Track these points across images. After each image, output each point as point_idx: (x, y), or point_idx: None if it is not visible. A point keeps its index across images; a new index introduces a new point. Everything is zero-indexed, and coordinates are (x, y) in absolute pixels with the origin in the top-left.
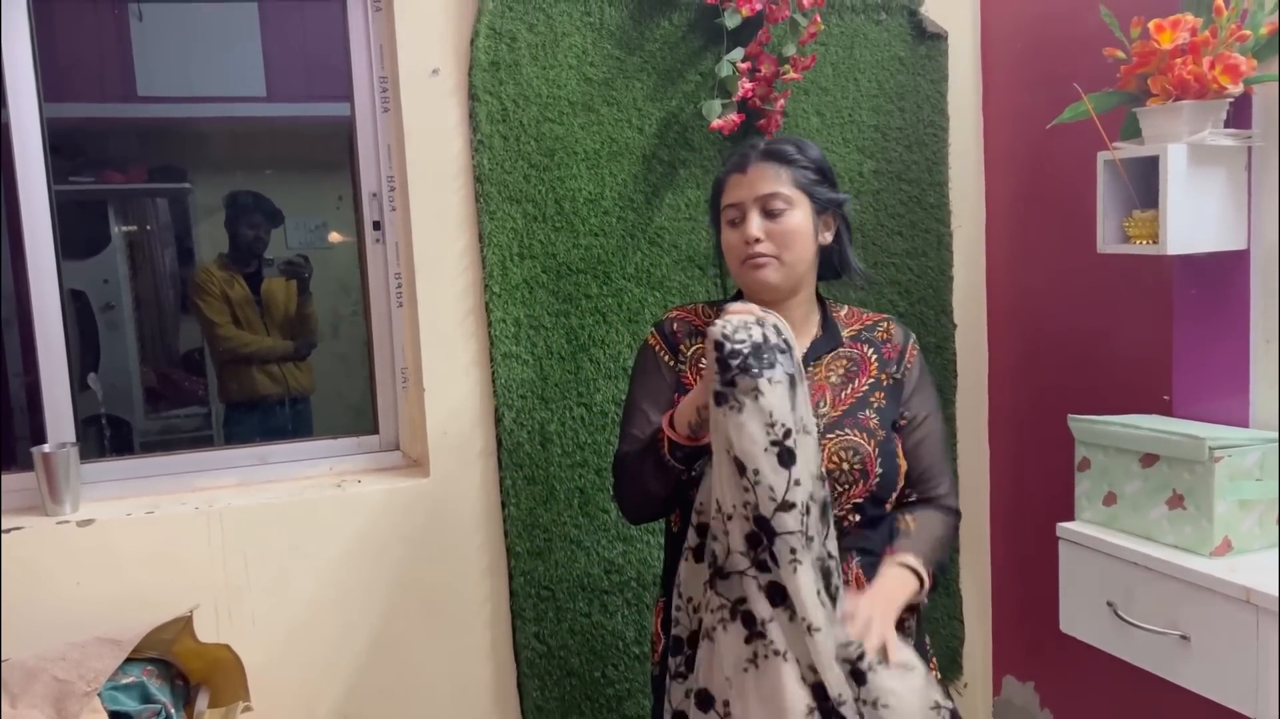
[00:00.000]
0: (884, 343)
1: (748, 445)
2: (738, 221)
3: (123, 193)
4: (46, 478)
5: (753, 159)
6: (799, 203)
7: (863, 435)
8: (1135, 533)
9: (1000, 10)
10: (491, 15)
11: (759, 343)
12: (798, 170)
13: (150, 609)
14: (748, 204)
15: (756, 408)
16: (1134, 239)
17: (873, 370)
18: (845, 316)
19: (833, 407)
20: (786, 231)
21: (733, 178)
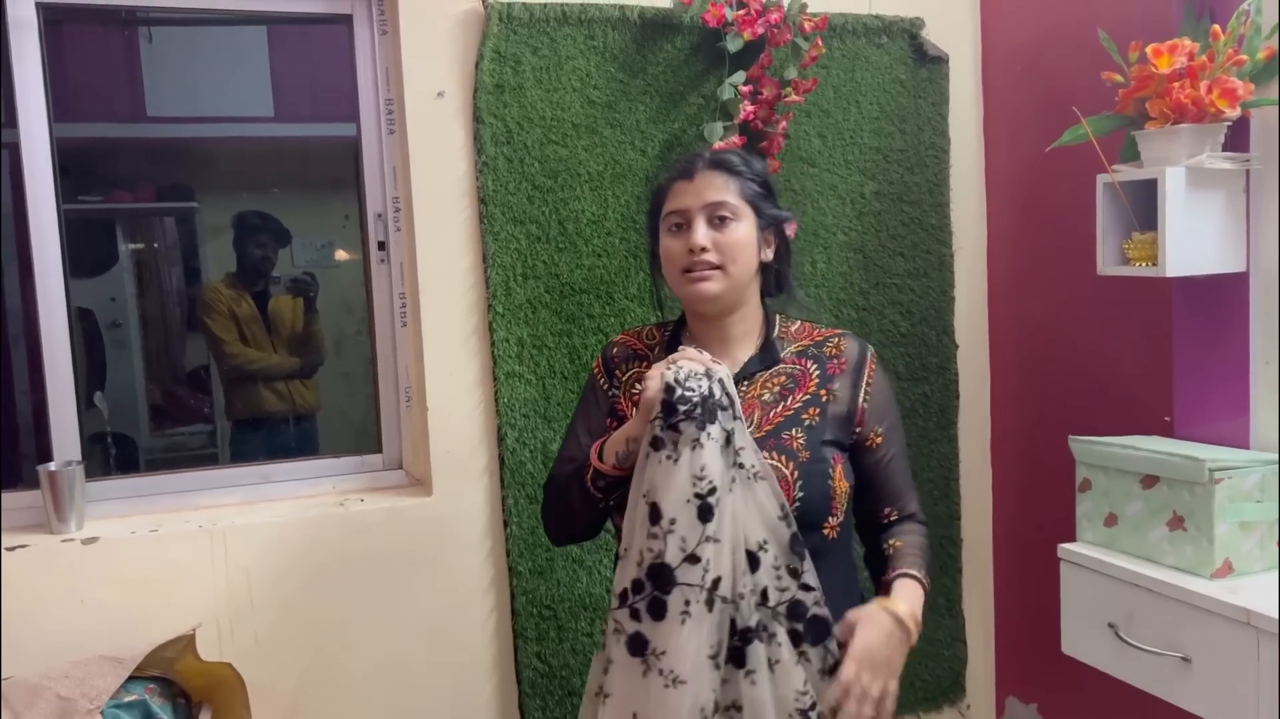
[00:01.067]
0: (831, 358)
1: (673, 494)
2: (682, 228)
3: (131, 212)
4: (52, 496)
5: (700, 166)
6: (745, 215)
7: (780, 458)
8: (1136, 554)
9: (1000, 34)
10: (496, 39)
11: (706, 395)
12: (745, 182)
13: (153, 627)
14: (694, 212)
15: (691, 459)
16: (1133, 261)
17: (810, 386)
18: (795, 332)
19: (758, 427)
20: (733, 243)
21: (678, 184)
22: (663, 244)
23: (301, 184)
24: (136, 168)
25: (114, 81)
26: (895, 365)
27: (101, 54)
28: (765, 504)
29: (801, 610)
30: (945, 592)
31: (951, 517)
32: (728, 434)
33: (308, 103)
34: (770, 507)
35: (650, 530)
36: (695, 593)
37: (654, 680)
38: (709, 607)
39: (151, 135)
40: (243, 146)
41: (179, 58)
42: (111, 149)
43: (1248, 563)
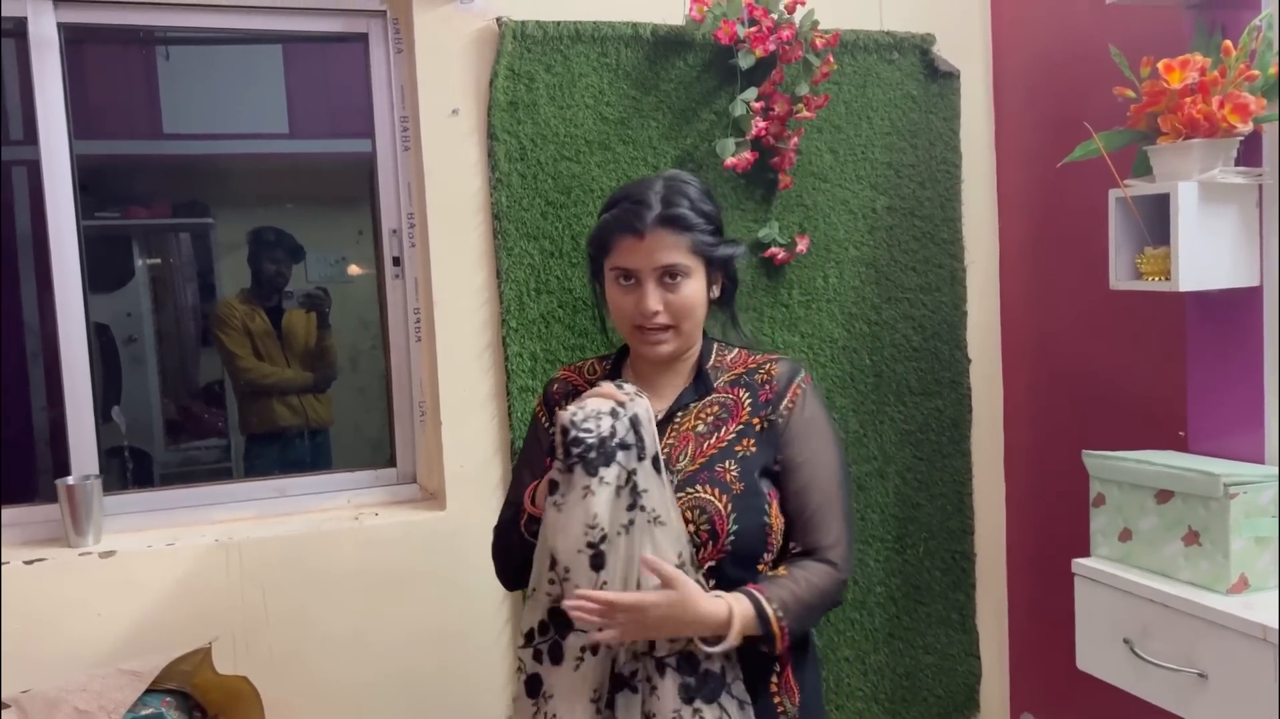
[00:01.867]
0: (763, 384)
1: (564, 543)
2: (631, 285)
3: (147, 228)
4: (70, 509)
5: (649, 222)
6: (696, 269)
7: (713, 491)
8: (1151, 569)
9: (1011, 50)
10: (510, 57)
11: (605, 436)
12: (695, 236)
13: (170, 640)
14: (644, 273)
15: (582, 507)
16: (1146, 275)
17: (743, 415)
18: (730, 361)
19: (691, 460)
20: (685, 302)
21: (626, 240)
22: (610, 294)
23: (316, 200)
24: (153, 184)
25: (132, 99)
26: (908, 380)
27: (120, 72)
28: (665, 551)
29: (694, 663)
30: (959, 607)
31: (965, 531)
32: (628, 474)
33: (322, 120)
34: (668, 554)
35: (548, 576)
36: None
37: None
38: (594, 651)
39: (168, 152)
40: (258, 163)
41: (196, 76)
42: (128, 166)
43: (1263, 578)
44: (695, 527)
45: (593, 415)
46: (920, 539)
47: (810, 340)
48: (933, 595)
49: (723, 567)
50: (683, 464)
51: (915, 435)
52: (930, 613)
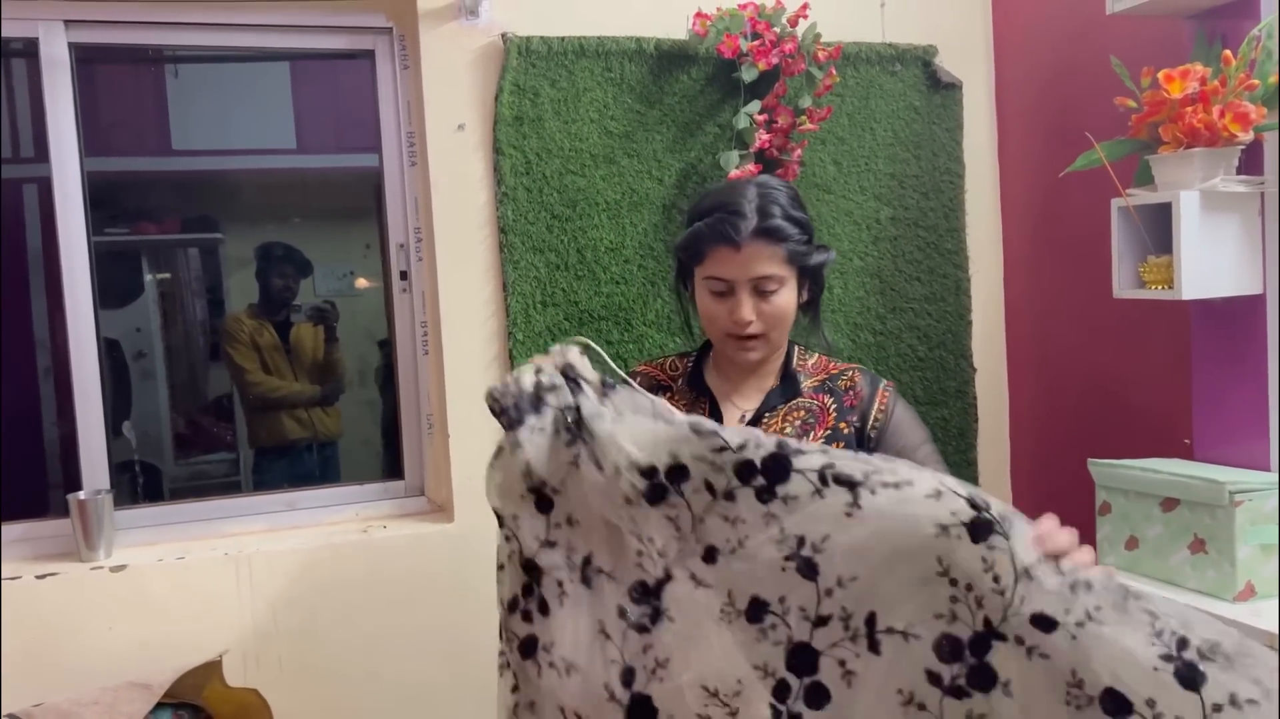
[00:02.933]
0: (846, 391)
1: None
2: (724, 295)
3: (156, 243)
4: (81, 524)
5: (746, 236)
6: (789, 278)
7: None
8: (1158, 578)
9: (1013, 60)
10: (515, 72)
11: (524, 391)
12: (791, 245)
13: (181, 653)
14: (739, 284)
15: (513, 460)
16: (1149, 284)
17: (830, 421)
18: (812, 366)
19: None
20: (778, 312)
21: (721, 250)
22: (702, 300)
23: (323, 214)
24: (162, 200)
25: (141, 117)
26: (913, 389)
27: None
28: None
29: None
30: None
31: None
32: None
33: (330, 135)
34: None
35: (503, 534)
36: (564, 573)
37: (549, 677)
38: (586, 584)
39: (177, 169)
40: (266, 178)
41: (204, 93)
42: (138, 182)
43: (1270, 585)
44: None
45: (513, 379)
46: None
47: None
48: None
49: None
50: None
51: None
52: None
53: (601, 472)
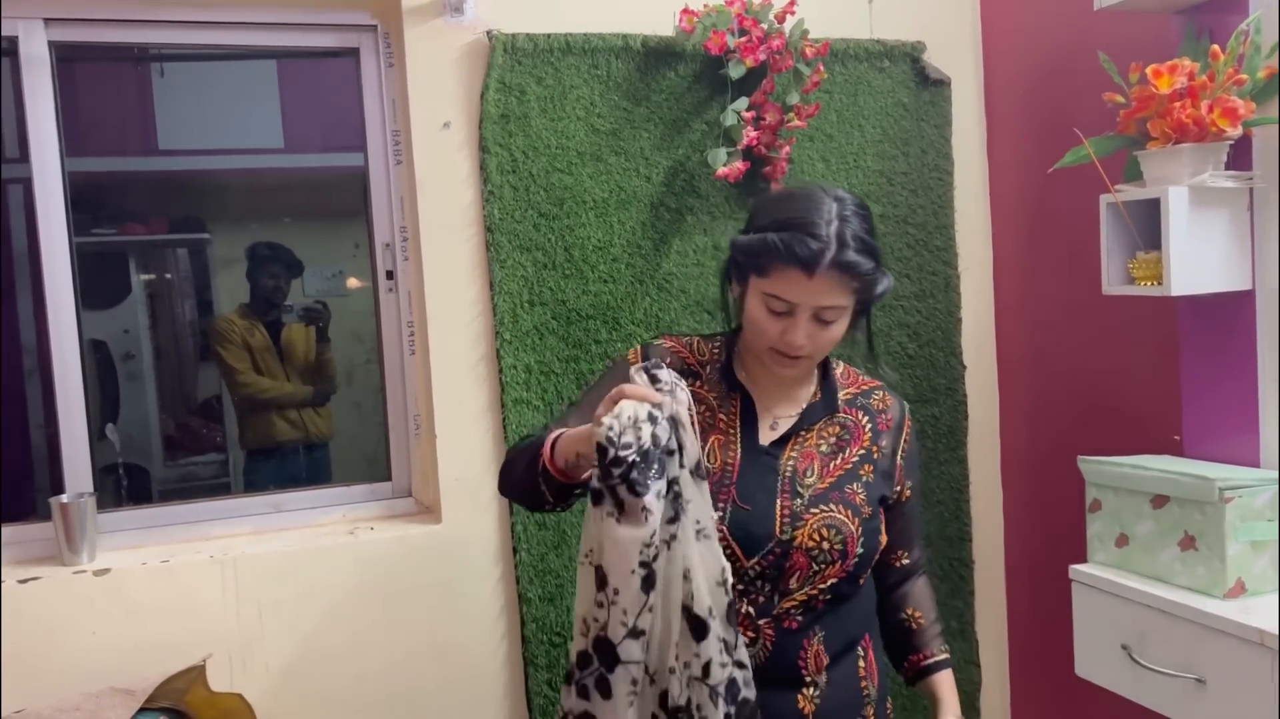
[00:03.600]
0: (880, 413)
1: (616, 561)
2: (781, 315)
3: (143, 244)
4: (64, 528)
5: (823, 265)
6: (849, 307)
7: (847, 513)
8: (1148, 575)
9: (1002, 56)
10: (501, 69)
11: (647, 449)
12: (862, 283)
13: (166, 658)
14: (801, 309)
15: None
16: (1138, 280)
17: (865, 440)
18: (841, 376)
19: (820, 478)
20: (831, 339)
21: (792, 273)
22: (756, 311)
23: (311, 214)
24: (149, 200)
25: (127, 116)
26: (904, 388)
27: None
28: (710, 568)
29: (734, 691)
30: (958, 614)
31: (963, 538)
32: (669, 483)
33: (317, 134)
34: (713, 570)
35: (596, 598)
36: (639, 669)
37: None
38: (652, 680)
39: (164, 169)
40: (254, 178)
41: (190, 92)
42: (124, 182)
43: (1260, 583)
44: (829, 545)
45: (630, 426)
46: None
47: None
48: None
49: (838, 585)
50: (811, 480)
51: None
52: None
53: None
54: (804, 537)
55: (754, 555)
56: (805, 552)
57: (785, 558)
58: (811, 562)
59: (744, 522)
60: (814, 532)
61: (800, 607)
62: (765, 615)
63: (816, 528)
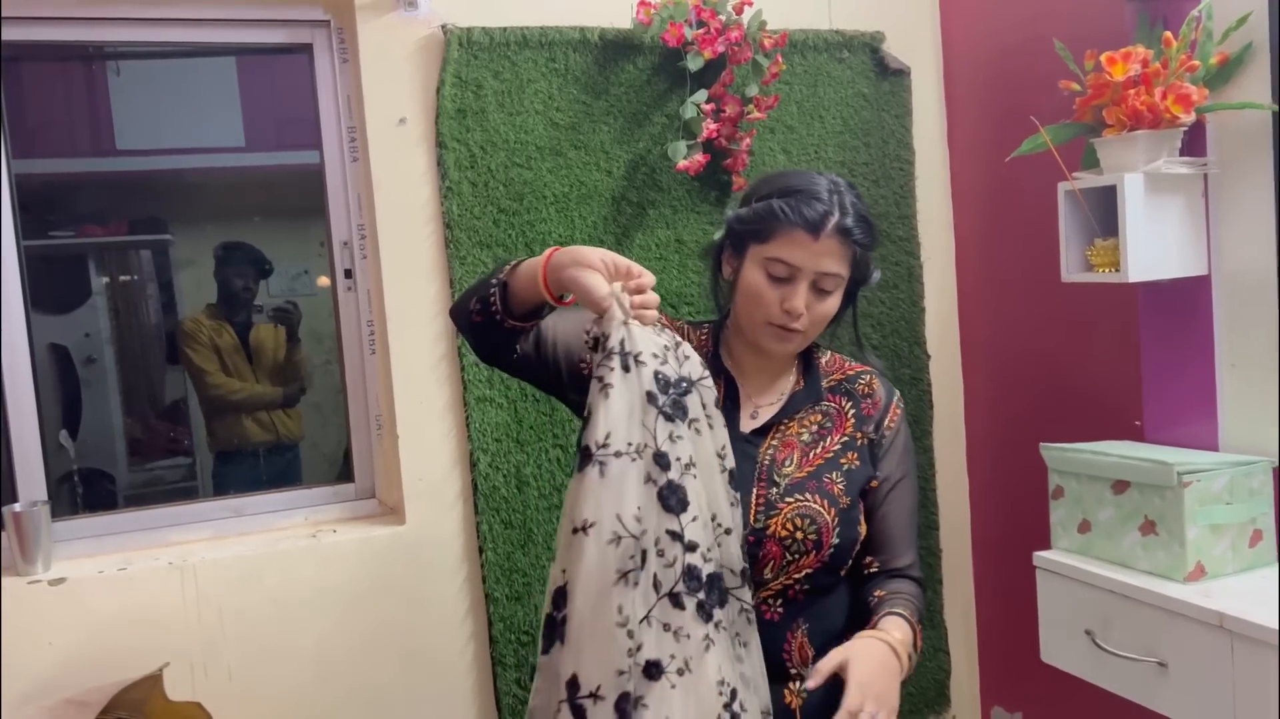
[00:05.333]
0: (865, 397)
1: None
2: (782, 282)
3: (103, 246)
4: (17, 537)
5: (828, 228)
6: (844, 283)
7: (823, 502)
8: (1110, 560)
9: (961, 46)
10: (457, 64)
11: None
12: (861, 251)
13: (125, 668)
14: (804, 274)
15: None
16: (1097, 267)
17: (848, 427)
18: (827, 364)
19: (798, 467)
20: (824, 314)
21: (798, 235)
22: (754, 280)
23: (275, 212)
24: (108, 201)
25: (83, 116)
26: None
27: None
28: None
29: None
30: (927, 602)
31: (930, 527)
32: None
33: (278, 132)
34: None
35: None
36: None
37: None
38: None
39: (122, 169)
40: (215, 177)
41: (149, 91)
42: (82, 183)
43: (1220, 565)
44: (803, 535)
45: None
46: None
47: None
48: None
49: (816, 574)
50: (789, 470)
51: None
52: None
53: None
54: (777, 526)
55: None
56: (779, 541)
57: (759, 547)
58: (785, 551)
59: None
60: (788, 521)
61: (777, 597)
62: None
63: (790, 517)
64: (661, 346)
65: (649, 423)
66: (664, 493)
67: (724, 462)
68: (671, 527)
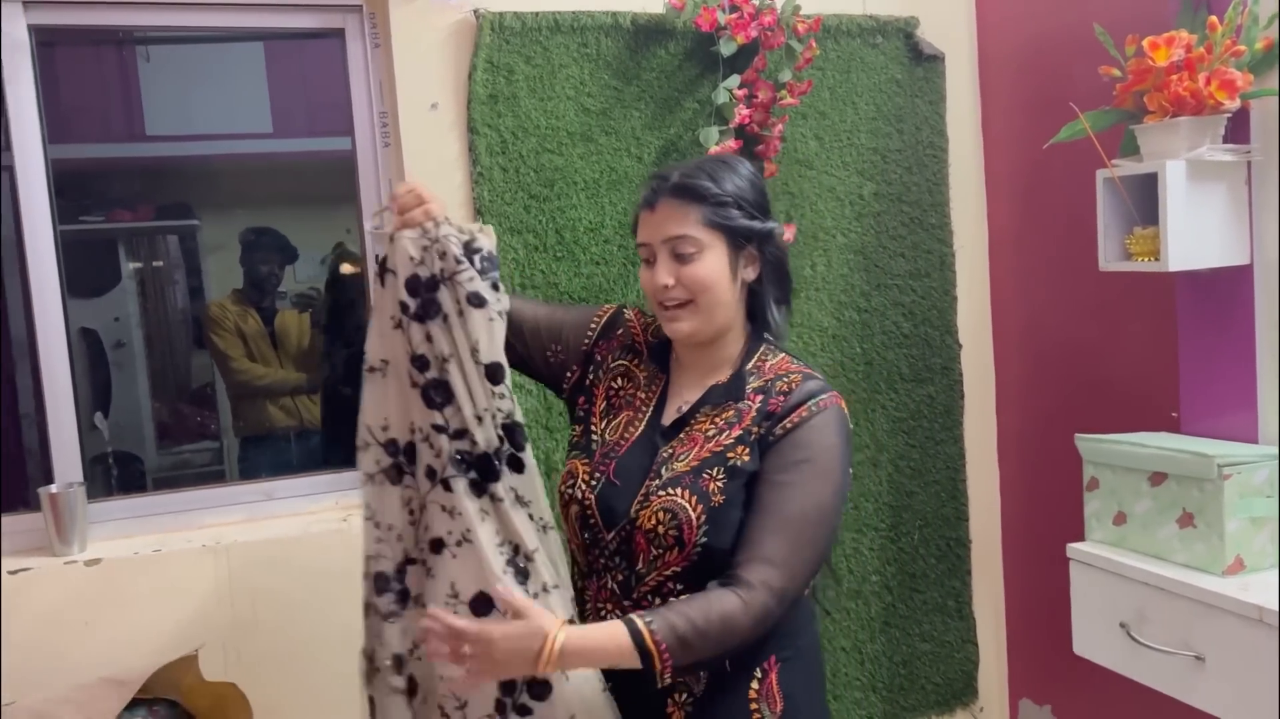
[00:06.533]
0: (778, 393)
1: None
2: (650, 262)
3: (132, 231)
4: (54, 518)
5: (661, 195)
6: (712, 243)
7: (692, 499)
8: (1146, 552)
9: (997, 30)
10: (489, 49)
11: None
12: (709, 207)
13: (159, 648)
14: (656, 246)
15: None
16: (1136, 256)
17: (747, 422)
18: (770, 366)
19: (687, 463)
20: (695, 275)
21: (643, 214)
22: (641, 273)
23: (303, 198)
24: (137, 187)
25: (113, 102)
26: (899, 367)
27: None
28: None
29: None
30: (955, 594)
31: (959, 518)
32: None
33: (306, 118)
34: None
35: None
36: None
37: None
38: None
39: (151, 155)
40: (243, 163)
41: (177, 77)
42: (111, 169)
43: (1259, 559)
44: (663, 529)
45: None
46: (915, 527)
47: (799, 329)
48: (928, 583)
49: (687, 574)
50: (677, 465)
51: (907, 423)
52: (926, 600)
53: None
54: (645, 518)
55: (611, 529)
56: (645, 534)
57: (630, 538)
58: (650, 545)
59: (610, 496)
60: (653, 514)
61: (653, 594)
62: (627, 598)
63: (656, 510)
64: (420, 248)
65: (405, 330)
66: (427, 391)
67: (476, 354)
68: (436, 421)
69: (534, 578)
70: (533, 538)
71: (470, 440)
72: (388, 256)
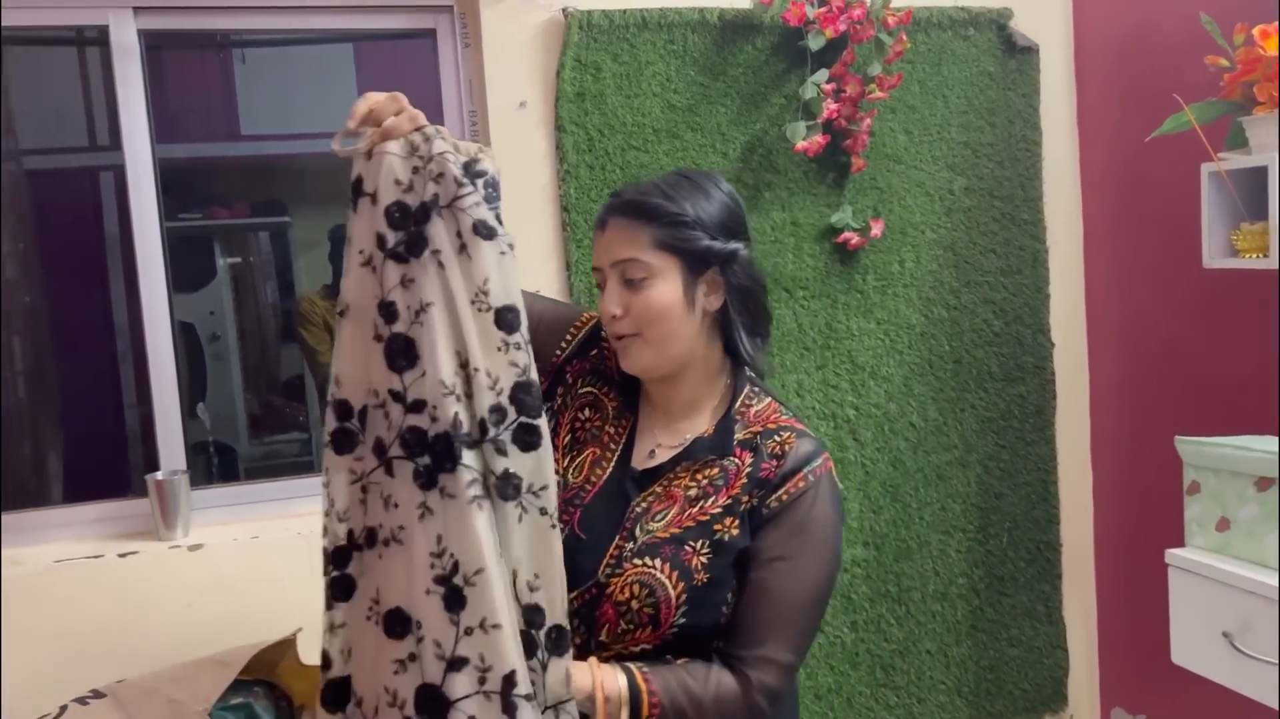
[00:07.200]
0: (771, 457)
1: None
2: (602, 289)
3: (227, 228)
4: (160, 504)
5: (611, 214)
6: (664, 268)
7: (672, 575)
8: (1251, 559)
9: (1094, 21)
10: (577, 47)
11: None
12: (662, 228)
13: (256, 631)
14: (605, 271)
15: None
16: (1243, 253)
17: (736, 489)
18: (754, 414)
19: (668, 525)
20: (645, 304)
21: (595, 234)
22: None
23: None
24: (232, 185)
25: (210, 102)
26: (989, 365)
27: (199, 77)
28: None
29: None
30: (1045, 598)
31: (1050, 520)
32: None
33: None
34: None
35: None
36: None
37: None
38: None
39: (246, 154)
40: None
41: (271, 78)
42: (208, 167)
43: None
44: (638, 604)
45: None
46: (1004, 529)
47: (887, 327)
48: (1017, 587)
49: (658, 651)
50: (655, 526)
51: (997, 423)
52: (1015, 604)
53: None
54: (617, 588)
55: (573, 589)
56: (615, 605)
57: (596, 605)
58: (620, 618)
59: (574, 550)
60: (626, 585)
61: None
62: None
63: (630, 582)
64: (410, 170)
65: (377, 269)
66: (390, 347)
67: (484, 296)
68: (394, 385)
69: (471, 608)
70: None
71: (430, 416)
72: (362, 177)
